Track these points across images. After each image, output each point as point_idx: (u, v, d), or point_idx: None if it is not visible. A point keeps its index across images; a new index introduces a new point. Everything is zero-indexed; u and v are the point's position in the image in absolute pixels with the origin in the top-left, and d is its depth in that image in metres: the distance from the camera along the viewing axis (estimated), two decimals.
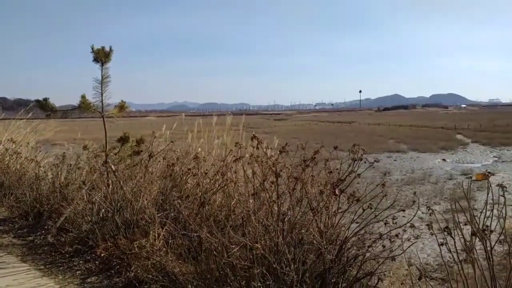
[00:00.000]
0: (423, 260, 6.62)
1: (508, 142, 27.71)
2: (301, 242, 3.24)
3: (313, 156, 3.65)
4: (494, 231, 2.44)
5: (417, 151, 24.27)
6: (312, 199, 3.49)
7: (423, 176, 15.47)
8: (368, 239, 3.89)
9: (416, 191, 12.67)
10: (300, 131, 44.46)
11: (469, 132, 36.62)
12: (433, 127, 44.10)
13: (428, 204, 10.66)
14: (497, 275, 2.46)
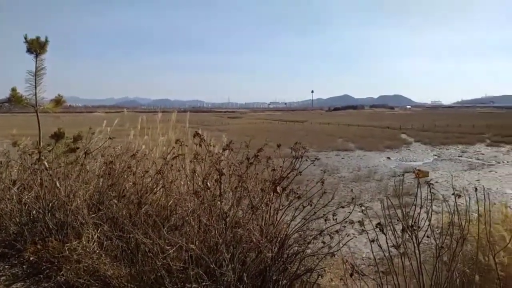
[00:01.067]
0: (367, 254, 6.89)
1: (447, 141, 29.56)
2: (241, 241, 3.21)
3: (256, 154, 3.63)
4: (421, 228, 2.55)
5: (364, 149, 25.26)
6: (254, 197, 3.48)
7: (368, 173, 16.08)
8: (309, 236, 3.95)
9: (361, 188, 13.17)
10: (254, 129, 44.69)
11: (413, 132, 38.64)
12: (380, 127, 46.11)
13: (372, 200, 11.10)
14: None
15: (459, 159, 21.27)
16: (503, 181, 14.64)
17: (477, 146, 27.41)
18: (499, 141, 29.56)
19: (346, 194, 11.57)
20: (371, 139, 30.97)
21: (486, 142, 29.53)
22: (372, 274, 4.04)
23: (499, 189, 13.12)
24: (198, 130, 5.85)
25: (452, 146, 27.14)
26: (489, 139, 31.07)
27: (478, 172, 16.78)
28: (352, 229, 3.65)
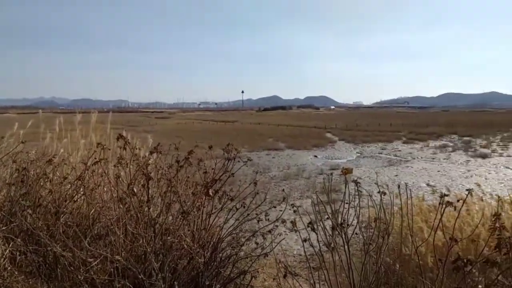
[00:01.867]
0: (297, 251, 7.04)
1: (368, 140, 31.51)
2: (171, 248, 3.08)
3: (187, 157, 3.51)
4: (350, 225, 2.63)
5: (293, 148, 26.03)
6: (184, 201, 3.35)
7: (297, 171, 16.56)
8: (243, 238, 3.91)
9: (290, 186, 13.50)
10: (184, 129, 43.88)
11: (337, 131, 40.65)
12: (307, 127, 47.89)
13: (302, 197, 11.42)
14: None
15: (379, 156, 22.78)
16: (418, 176, 15.93)
17: (395, 143, 29.58)
18: (413, 138, 32.23)
19: (277, 193, 11.79)
20: (299, 138, 32.00)
21: (402, 139, 31.98)
22: (304, 270, 4.14)
23: (415, 183, 14.24)
24: (123, 131, 5.54)
25: (372, 144, 28.99)
26: (405, 136, 33.71)
27: (397, 168, 18.08)
28: (284, 227, 3.69)
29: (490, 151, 23.45)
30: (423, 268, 3.81)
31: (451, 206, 2.22)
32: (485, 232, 3.67)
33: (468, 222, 4.98)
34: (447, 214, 5.05)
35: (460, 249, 4.12)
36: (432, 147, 26.66)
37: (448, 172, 16.60)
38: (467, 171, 16.99)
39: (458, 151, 24.27)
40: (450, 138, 33.04)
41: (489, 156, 21.67)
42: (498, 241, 2.39)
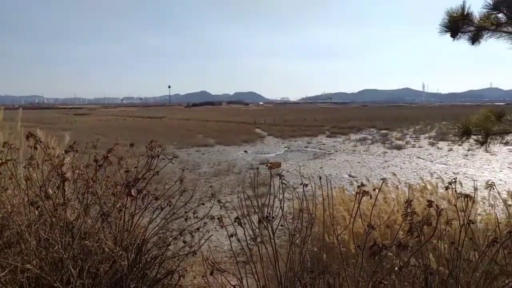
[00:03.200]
0: (228, 246, 7.04)
1: (295, 134, 32.58)
2: (91, 252, 2.88)
3: (106, 155, 3.31)
4: (276, 217, 2.67)
5: (223, 144, 26.03)
6: (105, 203, 3.16)
7: (228, 167, 16.59)
8: (170, 237, 3.80)
9: (221, 182, 13.49)
10: (106, 127, 41.66)
11: (266, 126, 41.43)
12: (237, 122, 48.17)
13: (232, 193, 11.46)
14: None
15: (306, 149, 23.67)
16: (341, 167, 16.83)
17: (319, 137, 30.95)
18: (336, 132, 33.99)
19: (207, 189, 11.69)
20: (229, 134, 32.09)
21: (326, 133, 33.58)
22: (233, 265, 4.14)
23: (338, 174, 15.03)
24: (36, 129, 5.09)
25: (299, 138, 30.05)
26: (329, 131, 35.42)
27: (321, 161, 18.92)
28: (214, 224, 3.65)
29: (404, 143, 25.52)
30: (346, 255, 4.02)
31: (368, 195, 2.35)
32: (401, 217, 3.96)
33: (385, 209, 5.36)
34: (366, 203, 5.39)
35: (378, 235, 4.42)
36: (353, 140, 28.35)
37: (368, 163, 17.77)
38: (384, 161, 18.33)
39: (376, 143, 26.06)
40: (369, 131, 35.35)
41: (403, 147, 23.57)
42: (410, 225, 2.58)
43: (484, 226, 4.04)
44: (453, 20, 2.68)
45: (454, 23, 2.68)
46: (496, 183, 3.28)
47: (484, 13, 2.53)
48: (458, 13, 2.66)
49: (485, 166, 16.52)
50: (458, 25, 2.69)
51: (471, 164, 17.20)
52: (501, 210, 7.13)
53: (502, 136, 2.41)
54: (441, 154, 20.39)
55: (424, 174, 14.65)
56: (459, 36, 2.75)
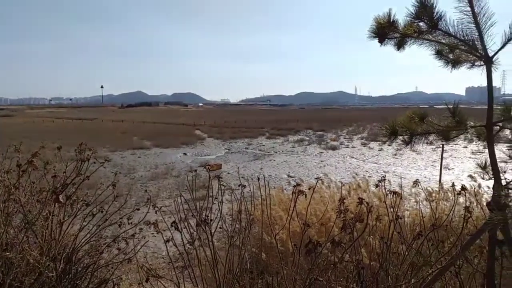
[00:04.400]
0: (166, 252, 6.85)
1: (235, 136, 32.67)
2: (13, 265, 2.65)
3: (30, 160, 3.06)
4: (215, 219, 2.64)
5: (161, 146, 25.35)
6: (29, 211, 2.92)
7: (166, 170, 16.18)
8: (103, 245, 3.62)
9: (159, 186, 13.12)
10: (32, 129, 38.67)
11: (206, 128, 41.10)
12: (175, 124, 47.24)
13: (170, 197, 11.18)
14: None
15: (246, 151, 23.84)
16: (280, 168, 17.16)
17: (259, 139, 31.34)
18: (275, 134, 34.64)
19: (143, 194, 11.29)
20: (167, 136, 31.34)
21: (266, 135, 34.09)
22: (171, 271, 4.04)
23: (277, 175, 15.31)
24: None
25: (240, 140, 30.19)
26: (268, 132, 36.01)
27: (261, 162, 19.16)
28: (150, 229, 3.53)
29: (338, 144, 26.68)
30: (285, 254, 4.10)
31: (303, 194, 2.41)
32: (335, 215, 4.12)
33: (321, 208, 5.54)
34: (304, 202, 5.54)
35: (315, 233, 4.56)
36: (292, 141, 29.08)
37: (305, 163, 18.31)
38: (320, 161, 19.01)
39: (313, 144, 26.97)
40: (306, 133, 36.50)
41: (338, 148, 24.63)
42: (343, 223, 2.69)
43: (411, 220, 4.34)
44: (380, 27, 2.82)
45: (381, 30, 2.82)
46: (421, 180, 3.54)
47: (407, 21, 2.70)
48: (385, 20, 2.80)
49: (412, 165, 17.76)
50: (385, 31, 2.84)
51: (400, 162, 18.40)
52: (425, 205, 7.71)
53: (425, 136, 2.59)
54: (372, 154, 21.59)
55: (357, 173, 15.40)
56: (386, 42, 2.90)
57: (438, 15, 2.54)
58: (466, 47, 2.61)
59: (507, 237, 2.39)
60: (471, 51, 2.60)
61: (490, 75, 2.58)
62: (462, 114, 2.49)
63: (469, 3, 2.53)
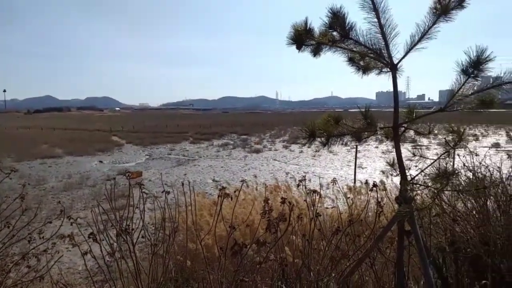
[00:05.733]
0: (83, 266, 6.39)
1: (156, 141, 31.65)
2: None
3: None
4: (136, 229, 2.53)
5: (74, 154, 23.63)
6: None
7: (81, 180, 15.14)
8: (10, 263, 3.29)
9: (73, 197, 12.22)
10: None
11: (124, 133, 39.24)
12: (90, 130, 44.45)
13: (86, 208, 10.48)
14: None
15: (169, 157, 23.24)
16: (205, 173, 17.03)
17: (183, 144, 30.78)
18: (200, 138, 34.30)
19: (55, 206, 10.41)
20: (81, 143, 29.37)
21: (189, 140, 33.59)
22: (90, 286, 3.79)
23: (202, 180, 15.17)
24: None
25: (161, 145, 29.35)
26: (192, 137, 35.53)
27: (185, 167, 18.83)
28: (65, 243, 3.27)
29: (262, 147, 27.27)
30: (212, 259, 4.06)
31: (228, 197, 2.42)
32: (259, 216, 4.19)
33: (246, 210, 5.60)
34: (229, 206, 5.55)
35: (241, 235, 4.59)
36: (216, 145, 29.04)
37: (230, 167, 18.41)
38: (245, 165, 19.25)
39: (237, 148, 27.22)
40: (230, 137, 36.72)
41: (261, 151, 25.17)
42: (267, 223, 2.75)
43: (330, 218, 4.59)
44: (298, 34, 2.94)
45: (299, 37, 2.94)
46: (338, 179, 3.76)
47: (322, 30, 2.86)
48: (302, 28, 2.93)
49: (330, 165, 18.79)
50: (302, 38, 2.97)
51: (318, 163, 19.36)
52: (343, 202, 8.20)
53: (340, 137, 2.75)
54: (293, 156, 22.43)
55: (280, 174, 15.89)
56: (303, 49, 3.03)
57: (349, 26, 2.72)
58: (374, 55, 2.83)
59: (413, 228, 2.63)
60: (379, 58, 2.83)
61: (395, 80, 2.82)
62: (373, 117, 2.70)
63: (376, 15, 2.75)
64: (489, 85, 2.38)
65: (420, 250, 2.51)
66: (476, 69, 2.39)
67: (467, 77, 2.44)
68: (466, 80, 2.45)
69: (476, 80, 2.42)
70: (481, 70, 2.38)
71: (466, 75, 2.44)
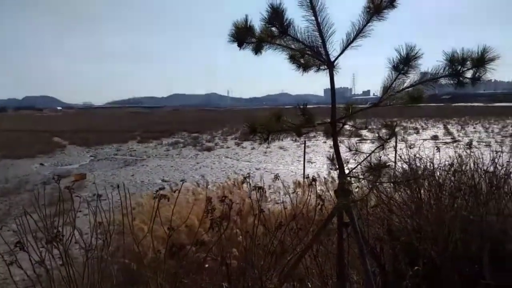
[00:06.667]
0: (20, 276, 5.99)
1: (102, 141, 30.31)
2: None
3: None
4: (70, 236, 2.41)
5: (11, 157, 22.03)
6: None
7: (19, 184, 14.19)
8: None
9: (10, 203, 11.42)
10: None
11: (66, 134, 37.23)
12: (28, 131, 41.79)
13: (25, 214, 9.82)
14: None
15: (115, 157, 22.40)
16: (154, 173, 16.60)
17: (130, 143, 29.79)
18: (148, 137, 33.32)
19: None
20: (19, 145, 27.56)
21: (137, 139, 32.55)
22: None
23: (151, 180, 14.77)
24: None
25: (107, 146, 28.21)
26: (140, 136, 34.46)
27: (133, 168, 18.24)
28: None
29: (213, 145, 27.05)
30: (158, 261, 3.97)
31: (165, 198, 2.37)
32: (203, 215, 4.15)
33: (197, 209, 5.53)
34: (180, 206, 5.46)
35: (186, 236, 4.53)
36: (166, 144, 28.40)
37: (181, 167, 18.09)
38: (196, 163, 19.00)
39: (188, 146, 26.81)
40: (181, 135, 36.07)
41: (213, 148, 24.97)
42: (210, 222, 2.73)
43: (276, 213, 4.65)
44: (238, 31, 2.93)
45: (239, 34, 2.94)
46: (288, 174, 3.82)
47: (263, 26, 2.87)
48: (242, 25, 2.92)
49: (281, 161, 19.06)
50: (243, 36, 2.96)
51: (270, 159, 19.57)
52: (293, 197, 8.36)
53: (280, 133, 2.79)
54: (245, 153, 22.49)
55: (232, 172, 15.87)
56: (245, 46, 3.02)
57: (287, 22, 2.76)
58: (312, 52, 2.89)
59: (351, 219, 2.72)
60: (316, 56, 2.90)
61: (332, 78, 2.90)
62: (310, 113, 2.76)
63: (313, 13, 2.81)
64: (417, 81, 2.52)
65: (358, 240, 2.61)
66: (406, 65, 2.51)
67: (397, 73, 2.56)
68: (397, 76, 2.57)
69: (406, 76, 2.55)
70: (411, 66, 2.52)
71: (397, 71, 2.56)
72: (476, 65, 2.58)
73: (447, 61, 2.60)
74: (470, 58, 2.58)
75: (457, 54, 2.58)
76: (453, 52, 2.60)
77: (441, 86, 2.57)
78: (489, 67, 2.58)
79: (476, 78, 2.60)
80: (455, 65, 2.59)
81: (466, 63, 2.58)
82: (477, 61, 2.57)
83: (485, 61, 2.56)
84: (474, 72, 2.60)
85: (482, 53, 2.56)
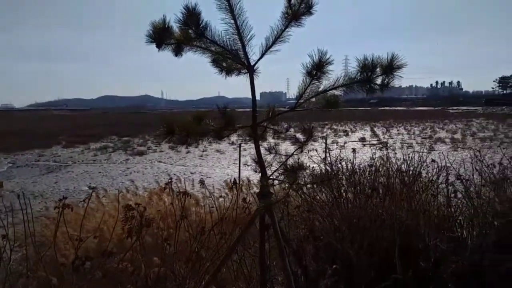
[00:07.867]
0: None
1: (23, 146, 27.93)
2: None
3: None
4: None
5: None
6: None
7: None
8: None
9: None
10: None
11: None
12: None
13: None
14: None
15: (37, 163, 20.79)
16: (80, 179, 15.65)
17: (54, 148, 27.81)
18: (74, 141, 31.31)
19: None
20: None
21: (62, 143, 30.45)
22: None
23: (76, 188, 13.91)
24: None
25: (28, 151, 26.06)
26: (65, 140, 32.29)
27: (56, 174, 17.05)
28: None
29: (146, 149, 26.16)
30: None
31: (69, 208, 2.22)
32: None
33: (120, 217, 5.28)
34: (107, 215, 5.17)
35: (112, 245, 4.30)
36: (93, 149, 26.89)
37: (110, 172, 17.24)
38: (126, 169, 18.23)
39: (118, 151, 25.62)
40: (110, 139, 34.38)
41: (145, 153, 24.13)
42: (128, 230, 2.61)
43: (200, 219, 4.58)
44: (157, 32, 2.85)
45: (158, 35, 2.85)
46: (223, 177, 3.77)
47: (180, 27, 2.81)
48: (160, 26, 2.84)
49: (217, 164, 18.95)
50: (162, 37, 2.88)
51: (206, 163, 19.37)
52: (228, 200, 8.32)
53: (201, 135, 2.74)
54: (180, 157, 22.02)
55: (164, 177, 15.43)
56: (164, 47, 2.94)
57: (204, 24, 2.72)
58: (232, 56, 2.89)
59: (272, 220, 2.76)
60: (236, 60, 2.90)
61: (252, 81, 2.92)
62: (231, 116, 2.75)
63: (232, 16, 2.81)
64: (330, 87, 2.62)
65: (278, 241, 2.65)
66: (319, 71, 2.60)
67: (311, 79, 2.64)
68: (310, 81, 2.65)
69: (319, 82, 2.64)
70: (323, 72, 2.61)
71: (310, 77, 2.64)
72: (385, 71, 2.74)
73: (359, 68, 2.73)
74: (380, 65, 2.73)
75: (368, 61, 2.72)
76: (364, 59, 2.73)
77: (354, 91, 2.70)
78: (397, 74, 2.76)
79: (385, 84, 2.77)
80: (366, 72, 2.73)
81: (376, 70, 2.73)
82: (386, 68, 2.73)
83: (393, 68, 2.73)
84: (383, 78, 2.76)
85: (390, 60, 2.73)
